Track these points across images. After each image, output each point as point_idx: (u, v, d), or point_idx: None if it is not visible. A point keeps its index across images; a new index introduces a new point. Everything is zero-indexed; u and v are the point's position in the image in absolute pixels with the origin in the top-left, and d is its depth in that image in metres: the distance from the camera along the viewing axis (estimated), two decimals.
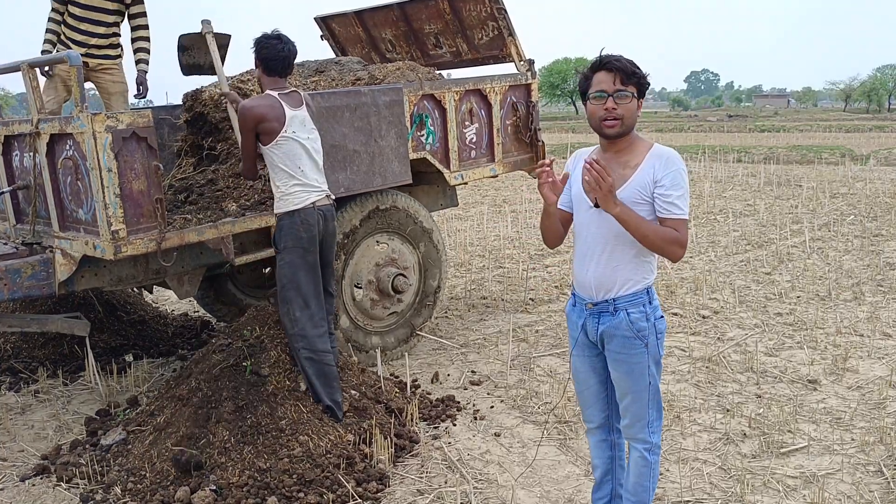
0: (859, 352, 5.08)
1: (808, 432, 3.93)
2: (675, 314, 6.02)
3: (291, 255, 3.76)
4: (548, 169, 2.61)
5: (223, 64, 4.59)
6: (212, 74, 4.66)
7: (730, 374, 4.77)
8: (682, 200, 2.52)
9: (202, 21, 4.55)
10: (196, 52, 4.54)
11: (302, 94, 3.91)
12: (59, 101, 5.28)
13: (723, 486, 3.44)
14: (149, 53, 5.65)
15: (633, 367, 2.64)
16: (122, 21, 5.54)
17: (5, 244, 4.55)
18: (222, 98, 4.43)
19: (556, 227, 2.77)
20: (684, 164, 2.56)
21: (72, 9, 5.34)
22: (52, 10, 5.34)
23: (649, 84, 2.56)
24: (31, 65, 4.14)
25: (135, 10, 5.53)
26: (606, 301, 2.62)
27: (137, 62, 5.62)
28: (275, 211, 3.85)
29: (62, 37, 5.39)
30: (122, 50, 5.62)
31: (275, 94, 3.74)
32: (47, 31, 5.33)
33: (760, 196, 12.36)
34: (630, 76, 2.50)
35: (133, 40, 5.61)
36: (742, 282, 7.01)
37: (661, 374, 2.78)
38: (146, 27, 5.61)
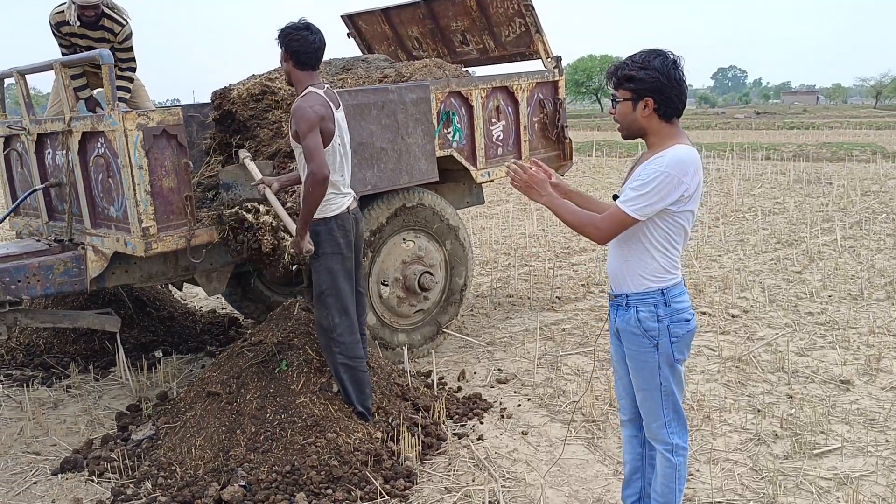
0: (893, 352, 4.98)
1: (841, 433, 3.86)
2: (704, 313, 5.95)
3: (331, 261, 3.70)
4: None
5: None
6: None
7: (760, 373, 4.71)
8: (634, 193, 2.44)
9: (238, 150, 4.51)
10: (240, 187, 4.26)
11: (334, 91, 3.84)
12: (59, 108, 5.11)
13: (754, 488, 3.39)
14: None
15: (642, 364, 2.63)
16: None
17: (38, 241, 4.61)
18: (259, 186, 4.02)
19: None
20: (677, 170, 2.40)
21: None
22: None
23: (651, 81, 2.41)
24: (64, 64, 4.19)
25: (122, 55, 5.17)
26: (621, 295, 2.64)
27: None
28: None
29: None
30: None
31: (320, 92, 3.59)
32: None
33: (790, 194, 12.19)
34: (620, 81, 2.49)
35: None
36: (772, 281, 6.91)
37: (683, 377, 2.72)
38: (133, 72, 5.31)
